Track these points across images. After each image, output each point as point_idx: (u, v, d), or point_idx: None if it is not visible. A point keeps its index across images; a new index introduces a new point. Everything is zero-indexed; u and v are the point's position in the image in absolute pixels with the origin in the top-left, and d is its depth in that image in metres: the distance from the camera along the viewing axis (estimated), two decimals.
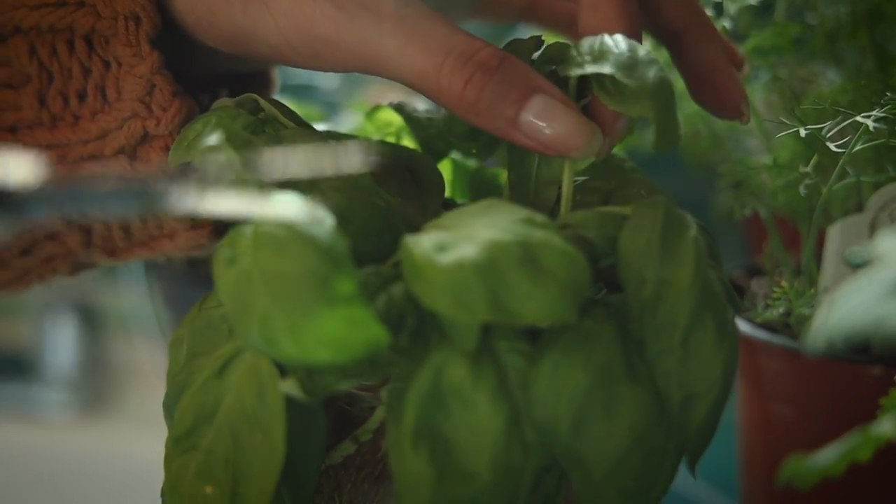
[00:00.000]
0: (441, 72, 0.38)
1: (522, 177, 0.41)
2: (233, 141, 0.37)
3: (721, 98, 0.42)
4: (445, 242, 0.32)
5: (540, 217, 0.34)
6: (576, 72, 0.38)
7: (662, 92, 0.36)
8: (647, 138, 0.62)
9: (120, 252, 0.48)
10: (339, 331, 0.30)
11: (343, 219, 0.36)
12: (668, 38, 0.43)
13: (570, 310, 0.32)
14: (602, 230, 0.35)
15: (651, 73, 0.36)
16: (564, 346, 0.33)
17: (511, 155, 0.41)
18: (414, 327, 0.34)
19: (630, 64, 0.37)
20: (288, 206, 0.32)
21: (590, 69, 0.37)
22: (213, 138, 0.38)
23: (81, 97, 0.43)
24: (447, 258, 0.32)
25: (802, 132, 0.45)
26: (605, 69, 0.37)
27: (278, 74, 0.50)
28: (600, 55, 0.37)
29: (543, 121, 0.37)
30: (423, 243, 0.33)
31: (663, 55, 0.46)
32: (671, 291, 0.33)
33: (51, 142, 0.44)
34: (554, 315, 0.31)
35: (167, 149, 0.43)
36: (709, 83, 0.42)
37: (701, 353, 0.34)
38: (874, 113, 0.44)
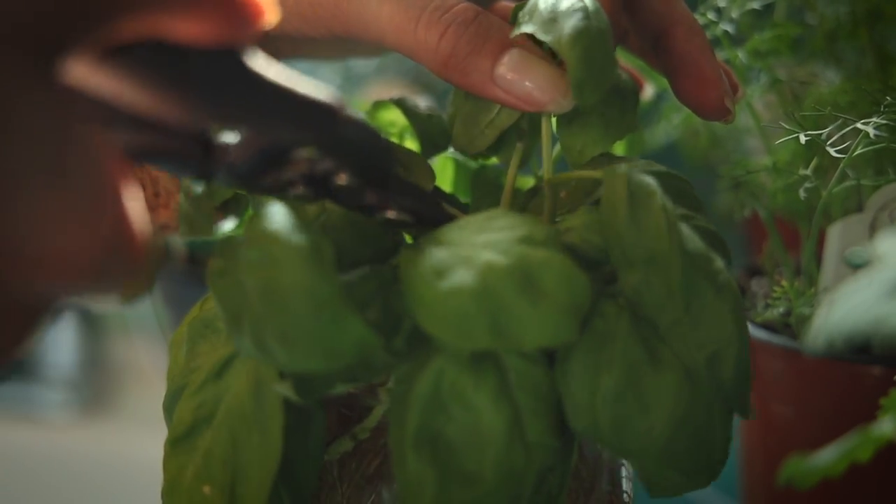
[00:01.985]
0: (417, 26, 0.38)
1: (477, 116, 0.41)
2: None
3: (704, 94, 0.41)
4: (443, 267, 0.32)
5: (540, 231, 0.34)
6: (515, 32, 0.38)
7: (577, 43, 0.36)
8: (647, 137, 0.62)
9: None
10: (328, 337, 0.30)
11: (337, 225, 0.36)
12: (653, 37, 0.43)
13: (571, 330, 0.31)
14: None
15: (568, 26, 0.36)
16: (584, 353, 0.33)
17: (469, 98, 0.41)
18: (410, 330, 0.34)
19: (550, 19, 0.37)
20: (276, 217, 0.32)
21: (524, 29, 0.37)
22: None
23: None
24: (446, 285, 0.32)
25: (802, 138, 0.45)
26: (530, 29, 0.37)
27: None
28: (531, 14, 0.38)
29: (519, 74, 0.37)
30: (420, 266, 0.33)
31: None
32: (656, 266, 0.33)
33: None
34: (554, 338, 0.31)
35: None
36: (693, 78, 0.41)
37: (707, 313, 0.34)
38: (874, 119, 0.44)
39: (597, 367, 0.33)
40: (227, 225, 0.49)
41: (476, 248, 0.33)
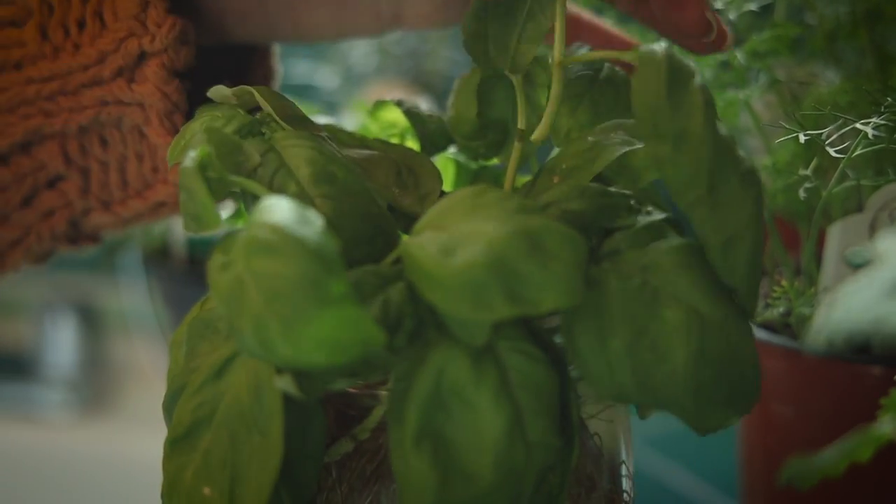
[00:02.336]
0: None
1: (505, 34, 0.41)
2: (218, 146, 0.37)
3: (682, 11, 0.41)
4: (449, 244, 0.32)
5: (529, 202, 0.34)
6: None
7: None
8: None
9: (116, 205, 0.49)
10: (333, 332, 0.30)
11: (332, 228, 0.36)
12: None
13: (580, 289, 0.32)
14: (584, 201, 0.36)
15: None
16: (583, 320, 0.33)
17: (494, 11, 0.41)
18: (412, 328, 0.34)
19: None
20: (278, 210, 0.32)
21: None
22: (199, 139, 0.38)
23: (81, 25, 0.44)
24: (457, 261, 0.32)
25: (802, 138, 0.45)
26: None
27: (280, 65, 0.50)
28: None
29: None
30: (426, 248, 0.33)
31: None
32: (687, 143, 0.34)
33: (53, 72, 0.45)
34: (568, 297, 0.32)
35: (164, 66, 0.44)
36: (675, 5, 0.41)
37: (729, 196, 0.34)
38: (873, 120, 0.44)
39: (600, 331, 0.33)
40: (226, 218, 0.49)
41: (476, 223, 0.33)
